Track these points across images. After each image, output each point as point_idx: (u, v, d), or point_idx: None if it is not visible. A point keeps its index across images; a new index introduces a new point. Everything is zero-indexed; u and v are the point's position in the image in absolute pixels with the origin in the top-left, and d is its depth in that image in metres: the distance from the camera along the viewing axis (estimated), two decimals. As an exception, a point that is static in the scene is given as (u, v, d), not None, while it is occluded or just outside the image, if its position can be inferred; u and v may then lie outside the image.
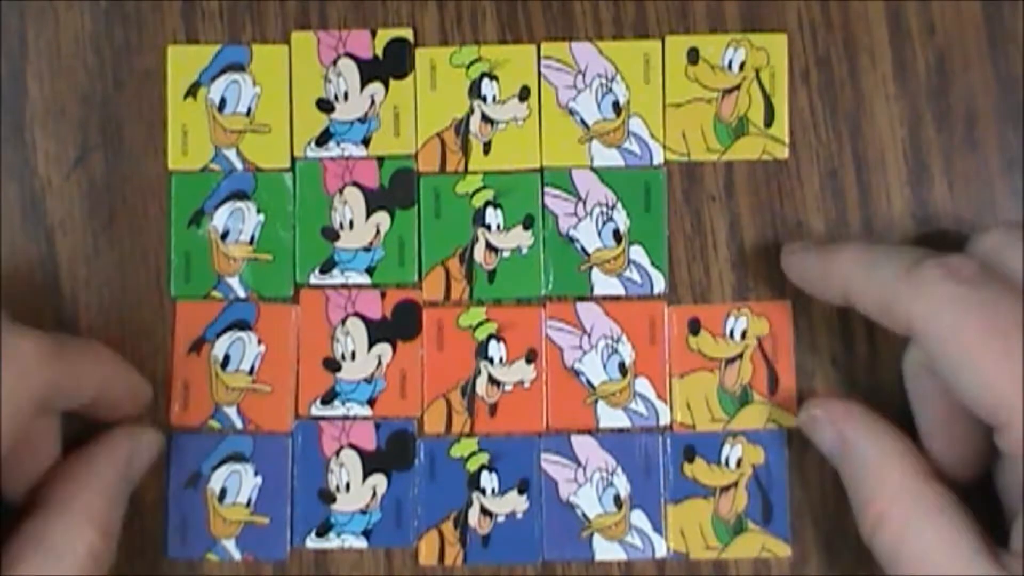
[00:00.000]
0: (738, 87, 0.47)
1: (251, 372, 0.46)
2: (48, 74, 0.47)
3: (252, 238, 0.46)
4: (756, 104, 0.46)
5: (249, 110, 0.47)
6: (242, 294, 0.46)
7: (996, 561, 0.38)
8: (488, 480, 0.46)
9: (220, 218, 0.47)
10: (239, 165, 0.47)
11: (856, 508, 0.41)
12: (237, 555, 0.46)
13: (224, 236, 0.46)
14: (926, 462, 0.41)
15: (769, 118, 0.46)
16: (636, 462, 0.46)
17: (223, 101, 0.47)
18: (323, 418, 0.46)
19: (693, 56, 0.46)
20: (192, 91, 0.47)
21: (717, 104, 0.46)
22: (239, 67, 0.47)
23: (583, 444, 0.46)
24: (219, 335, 0.46)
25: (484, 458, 0.46)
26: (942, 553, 0.39)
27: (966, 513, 0.40)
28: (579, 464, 0.46)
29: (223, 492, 0.46)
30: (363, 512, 0.46)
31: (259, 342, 0.46)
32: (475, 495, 0.46)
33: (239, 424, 0.46)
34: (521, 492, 0.46)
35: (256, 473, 0.46)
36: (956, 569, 0.38)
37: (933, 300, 0.38)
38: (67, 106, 0.47)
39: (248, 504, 0.46)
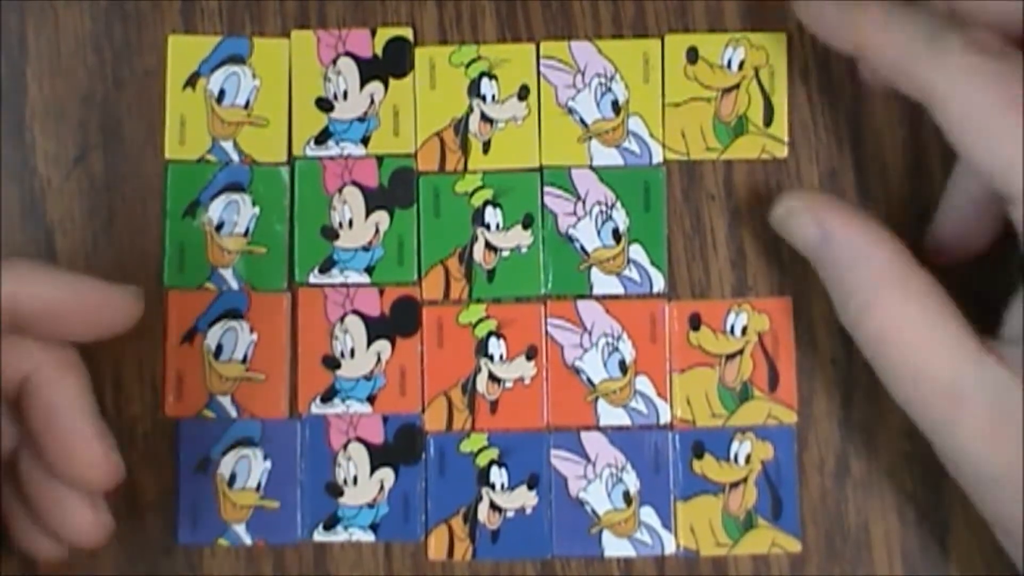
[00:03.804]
0: (737, 86, 0.47)
1: (244, 361, 0.46)
2: (48, 74, 0.47)
3: (247, 231, 0.46)
4: (755, 103, 0.46)
5: (248, 103, 0.47)
6: (235, 286, 0.46)
7: (985, 346, 0.38)
8: (498, 475, 0.46)
9: (215, 210, 0.47)
10: (236, 157, 0.47)
11: (839, 300, 0.41)
12: (248, 540, 0.46)
13: (219, 228, 0.46)
14: (906, 248, 0.40)
15: (768, 117, 0.46)
16: (645, 459, 0.45)
17: (222, 92, 0.47)
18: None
19: (692, 55, 0.47)
20: (191, 81, 0.47)
21: (716, 103, 0.47)
22: (239, 59, 0.47)
23: (592, 440, 0.46)
24: (211, 325, 0.46)
25: (494, 453, 0.46)
26: (928, 336, 0.39)
27: (950, 300, 0.39)
28: (588, 460, 0.45)
29: (233, 477, 0.46)
30: (370, 506, 0.46)
31: (251, 331, 0.46)
32: (484, 490, 0.46)
33: (233, 413, 0.46)
34: (530, 488, 0.45)
35: (265, 457, 0.46)
36: (943, 354, 0.38)
37: (955, 70, 0.38)
38: (67, 106, 0.47)
39: (258, 488, 0.46)
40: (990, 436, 0.38)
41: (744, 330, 0.46)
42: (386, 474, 0.46)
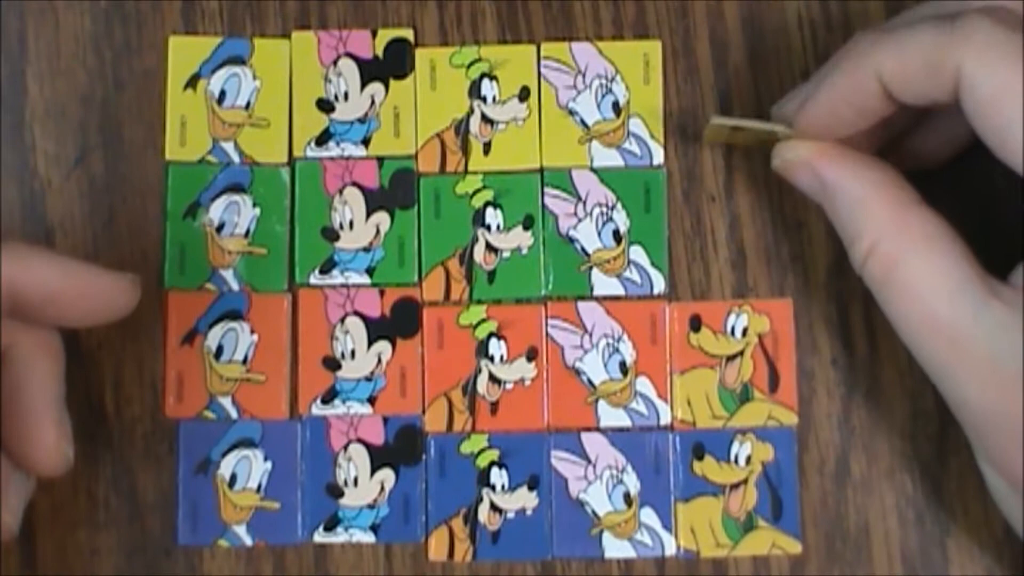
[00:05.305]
0: None
1: (244, 362, 0.46)
2: (48, 74, 0.47)
3: (247, 232, 0.47)
4: None
5: (248, 104, 0.47)
6: (236, 287, 0.46)
7: (989, 290, 0.38)
8: (498, 476, 0.46)
9: (216, 211, 0.47)
10: (236, 159, 0.47)
11: (846, 243, 0.40)
12: (248, 540, 0.46)
13: (219, 229, 0.46)
14: (911, 189, 0.40)
15: None
16: (646, 460, 0.45)
17: (223, 94, 0.47)
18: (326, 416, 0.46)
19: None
20: (192, 82, 0.47)
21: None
22: (240, 60, 0.47)
23: (593, 441, 0.46)
24: (211, 326, 0.46)
25: (494, 454, 0.46)
26: (930, 282, 0.38)
27: (958, 241, 0.39)
28: (589, 461, 0.45)
29: (233, 478, 0.46)
30: (371, 507, 0.46)
31: (252, 332, 0.46)
32: (485, 491, 0.46)
33: (234, 414, 0.46)
34: (531, 489, 0.45)
35: (266, 458, 0.46)
36: (943, 297, 0.38)
37: (984, 48, 0.36)
38: (67, 106, 0.47)
39: (258, 489, 0.46)
40: (989, 381, 0.38)
41: (744, 331, 0.46)
42: (386, 475, 0.46)
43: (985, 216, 0.42)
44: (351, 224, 0.46)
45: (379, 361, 0.46)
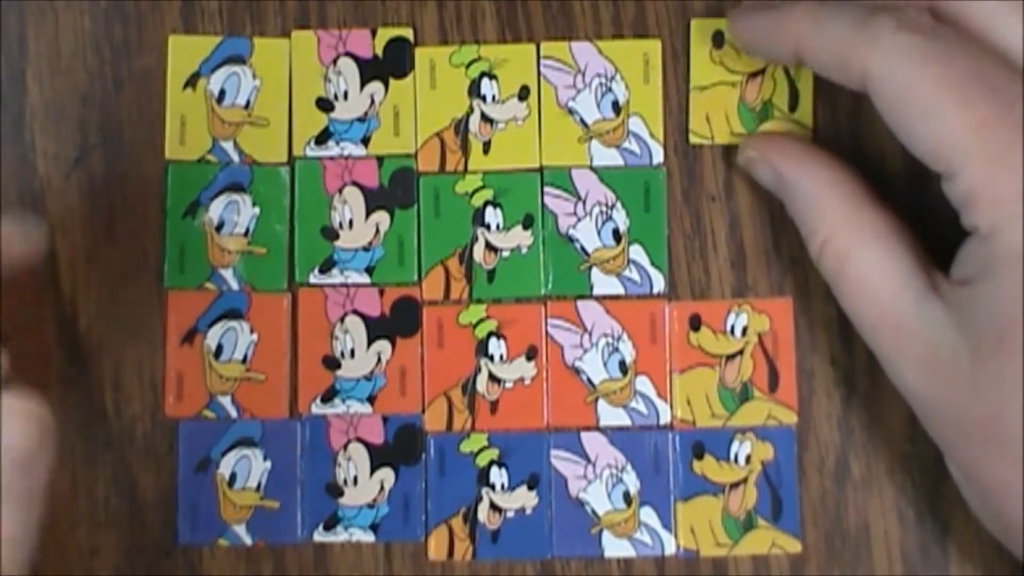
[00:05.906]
0: (763, 71, 0.46)
1: (244, 361, 0.46)
2: (48, 74, 0.47)
3: (247, 231, 0.47)
4: (780, 89, 0.46)
5: (248, 103, 0.47)
6: (235, 287, 0.46)
7: (930, 283, 0.40)
8: (498, 475, 0.46)
9: (215, 210, 0.47)
10: (236, 158, 0.47)
11: (804, 236, 0.43)
12: (248, 540, 0.46)
13: (219, 228, 0.46)
14: (864, 188, 0.42)
15: (793, 103, 0.46)
16: (645, 459, 0.45)
17: (222, 93, 0.47)
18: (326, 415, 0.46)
19: (718, 39, 0.46)
20: (192, 82, 0.47)
21: (742, 88, 0.46)
22: (240, 59, 0.47)
23: (592, 441, 0.46)
24: (211, 325, 0.46)
25: (494, 454, 0.46)
26: (877, 276, 0.41)
27: (905, 237, 0.41)
28: (588, 461, 0.45)
29: (233, 477, 0.46)
30: (370, 506, 0.46)
31: (251, 331, 0.46)
32: (484, 490, 0.46)
33: (234, 413, 0.46)
34: (530, 488, 0.45)
35: (265, 458, 0.46)
36: (888, 290, 0.40)
37: (888, 52, 0.39)
38: (67, 106, 0.47)
39: (258, 488, 0.46)
40: (928, 371, 0.39)
41: (744, 330, 0.46)
42: (386, 474, 0.46)
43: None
44: (351, 223, 0.46)
45: (379, 360, 0.46)
